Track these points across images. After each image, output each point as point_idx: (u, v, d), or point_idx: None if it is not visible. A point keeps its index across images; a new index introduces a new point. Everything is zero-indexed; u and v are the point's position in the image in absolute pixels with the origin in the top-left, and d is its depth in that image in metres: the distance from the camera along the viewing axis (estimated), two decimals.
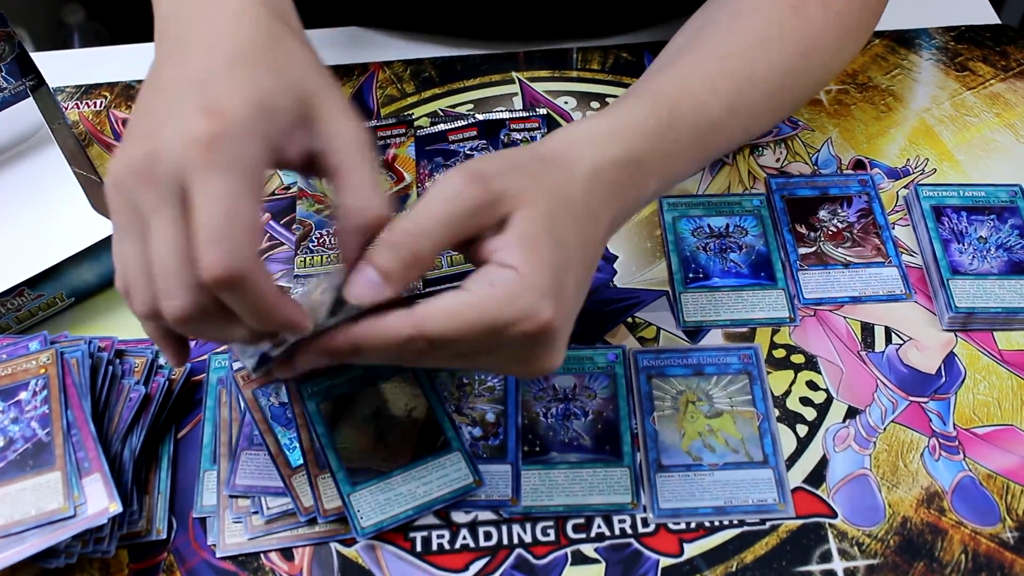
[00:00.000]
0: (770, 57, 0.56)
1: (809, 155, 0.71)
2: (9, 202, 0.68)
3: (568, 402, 0.59)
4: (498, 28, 0.78)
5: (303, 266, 0.65)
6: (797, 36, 0.56)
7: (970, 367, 0.60)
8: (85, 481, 0.52)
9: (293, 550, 0.54)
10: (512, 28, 0.78)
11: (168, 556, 0.54)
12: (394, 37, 0.81)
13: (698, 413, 0.58)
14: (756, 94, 0.55)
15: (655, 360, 0.60)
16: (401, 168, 0.70)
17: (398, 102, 0.76)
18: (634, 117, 0.50)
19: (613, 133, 0.49)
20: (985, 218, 0.65)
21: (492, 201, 0.43)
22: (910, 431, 0.58)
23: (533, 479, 0.56)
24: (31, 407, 0.55)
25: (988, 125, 0.73)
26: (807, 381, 0.60)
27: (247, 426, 0.57)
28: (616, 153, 0.48)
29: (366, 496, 0.54)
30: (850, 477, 0.56)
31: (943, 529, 0.54)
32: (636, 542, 0.54)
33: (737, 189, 0.69)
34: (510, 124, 0.72)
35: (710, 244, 0.66)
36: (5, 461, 0.53)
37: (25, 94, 0.69)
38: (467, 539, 0.54)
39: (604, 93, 0.75)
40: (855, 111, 0.74)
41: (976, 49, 0.78)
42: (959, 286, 0.62)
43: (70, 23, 1.54)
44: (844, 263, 0.64)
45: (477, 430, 0.57)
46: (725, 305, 0.63)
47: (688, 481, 0.55)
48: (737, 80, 0.54)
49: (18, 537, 0.50)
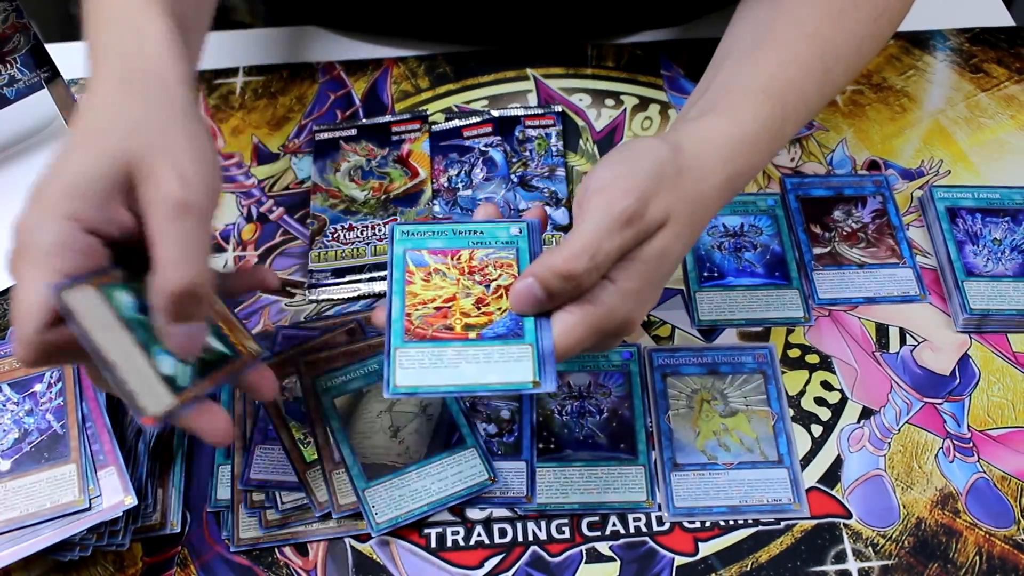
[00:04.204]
0: (847, 28, 0.56)
1: (824, 155, 0.71)
2: (22, 194, 0.67)
3: (583, 400, 0.58)
4: (513, 29, 0.78)
5: (317, 260, 0.65)
6: (868, 1, 0.57)
7: (984, 369, 0.60)
8: (100, 474, 0.52)
9: (307, 545, 0.54)
10: (527, 28, 0.78)
11: (182, 550, 0.54)
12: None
13: (713, 412, 0.58)
14: (839, 68, 0.56)
15: (670, 358, 0.60)
16: (416, 164, 0.70)
17: (412, 97, 0.75)
18: (757, 121, 0.52)
19: (743, 143, 0.51)
20: (1000, 220, 0.65)
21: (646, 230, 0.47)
22: (925, 432, 0.58)
23: (548, 476, 0.56)
24: (46, 399, 0.55)
25: (1003, 127, 0.73)
26: (822, 381, 0.60)
27: (262, 420, 0.57)
28: (743, 167, 0.51)
29: (381, 492, 0.54)
30: (865, 477, 0.56)
31: (957, 530, 0.54)
32: (651, 540, 0.54)
33: (752, 188, 0.69)
34: (525, 121, 0.72)
35: (725, 243, 0.66)
36: (20, 453, 0.53)
37: (40, 85, 0.69)
38: (482, 536, 0.54)
39: (619, 91, 0.75)
40: (870, 112, 0.74)
41: (991, 51, 0.77)
42: (974, 288, 0.62)
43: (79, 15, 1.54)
44: (859, 263, 0.64)
45: (492, 427, 0.57)
46: (740, 304, 0.63)
47: (703, 480, 0.55)
48: (825, 60, 0.55)
49: (33, 529, 0.50)
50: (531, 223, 0.51)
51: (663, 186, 0.47)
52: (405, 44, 0.79)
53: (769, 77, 0.53)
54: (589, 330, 0.46)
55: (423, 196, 0.68)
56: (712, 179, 0.50)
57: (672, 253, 0.48)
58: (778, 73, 0.53)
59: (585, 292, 0.46)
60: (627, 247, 0.46)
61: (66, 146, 0.44)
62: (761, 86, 0.53)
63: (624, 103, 0.75)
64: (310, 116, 0.75)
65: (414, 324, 0.47)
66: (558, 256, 0.45)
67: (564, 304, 0.46)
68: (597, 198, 0.46)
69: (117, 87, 0.46)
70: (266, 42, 0.81)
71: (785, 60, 0.54)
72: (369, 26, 0.80)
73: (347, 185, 0.69)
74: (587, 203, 0.46)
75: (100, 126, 0.44)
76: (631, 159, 0.48)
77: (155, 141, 0.44)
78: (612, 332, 0.47)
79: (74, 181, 0.42)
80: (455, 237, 0.50)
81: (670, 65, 0.77)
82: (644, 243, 0.47)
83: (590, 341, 0.47)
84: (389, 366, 0.46)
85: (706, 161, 0.50)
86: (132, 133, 0.43)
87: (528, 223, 0.51)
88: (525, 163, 0.70)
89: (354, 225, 0.67)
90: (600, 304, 0.46)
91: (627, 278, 0.47)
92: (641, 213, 0.46)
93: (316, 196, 0.69)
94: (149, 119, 0.44)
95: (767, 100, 0.52)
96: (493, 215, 0.52)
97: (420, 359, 0.46)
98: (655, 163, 0.48)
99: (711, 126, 0.51)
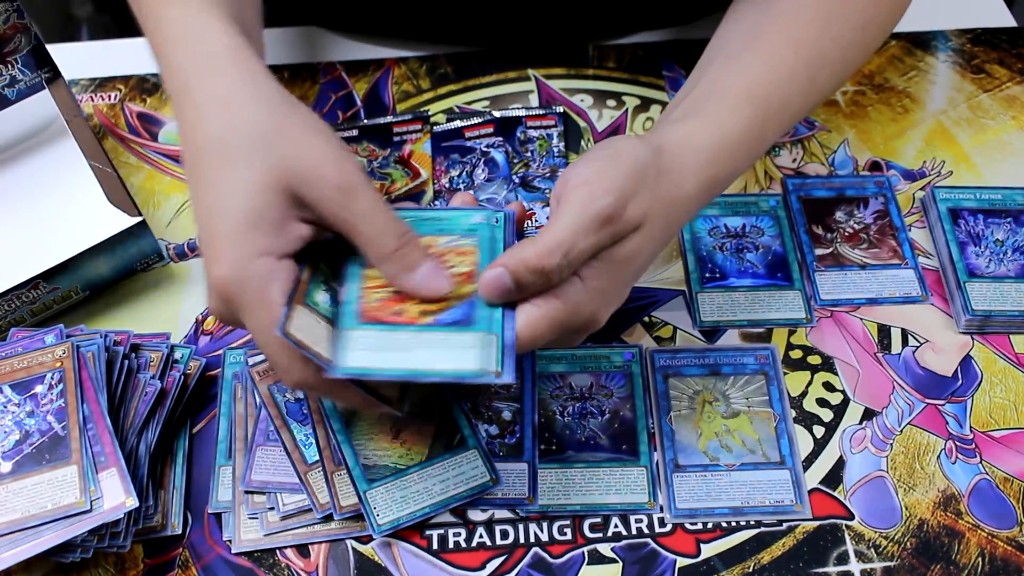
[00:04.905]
0: (835, 35, 0.56)
1: (825, 156, 0.71)
2: (23, 194, 0.67)
3: (585, 401, 0.58)
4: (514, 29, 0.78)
5: None
6: (857, 8, 0.56)
7: (987, 370, 0.60)
8: (101, 475, 0.52)
9: (309, 547, 0.54)
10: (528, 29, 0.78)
11: (183, 551, 0.54)
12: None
13: (715, 413, 0.58)
14: (825, 75, 0.56)
15: (672, 359, 0.60)
16: (417, 164, 0.70)
17: (414, 98, 0.75)
18: (738, 125, 0.52)
19: (723, 148, 0.51)
20: (1002, 221, 0.65)
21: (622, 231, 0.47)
22: (927, 433, 0.58)
23: (550, 478, 0.56)
24: (47, 400, 0.55)
25: (1005, 128, 0.72)
26: (824, 382, 0.60)
27: (263, 421, 0.57)
28: (721, 171, 0.51)
29: (382, 493, 0.54)
30: (867, 479, 0.56)
31: (960, 532, 0.54)
32: (653, 542, 0.54)
33: (753, 189, 0.69)
34: (527, 121, 0.72)
35: (726, 244, 0.65)
36: (21, 455, 0.53)
37: (41, 86, 0.69)
38: (483, 537, 0.54)
39: (620, 92, 0.75)
40: (872, 112, 0.74)
41: (992, 51, 0.77)
42: (976, 289, 0.62)
43: (79, 16, 1.54)
44: (861, 264, 0.64)
45: (493, 428, 0.57)
46: (742, 305, 0.63)
47: (705, 481, 0.55)
48: (811, 66, 0.55)
49: (34, 531, 0.50)
50: (507, 213, 0.51)
51: (643, 187, 0.47)
52: (406, 45, 0.79)
53: (753, 82, 0.53)
54: (553, 325, 0.46)
55: (424, 197, 0.68)
56: (691, 182, 0.50)
57: (643, 255, 0.48)
58: (762, 78, 0.53)
59: (554, 287, 0.46)
60: (602, 246, 0.46)
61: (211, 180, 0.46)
62: (744, 91, 0.52)
63: (626, 104, 0.74)
64: None
65: (369, 306, 0.47)
66: (531, 249, 0.44)
67: (531, 296, 0.46)
68: (576, 193, 0.46)
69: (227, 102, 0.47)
70: (267, 43, 0.81)
71: (770, 65, 0.54)
72: (370, 27, 0.80)
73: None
74: (566, 198, 0.46)
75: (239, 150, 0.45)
76: (613, 157, 0.48)
77: (294, 144, 0.45)
78: (575, 329, 0.47)
79: (248, 221, 0.44)
80: (419, 223, 0.50)
81: (672, 66, 0.77)
82: (618, 243, 0.47)
83: (552, 336, 0.46)
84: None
85: (686, 164, 0.49)
86: (272, 147, 0.45)
87: (505, 213, 0.51)
88: (527, 164, 0.70)
89: None
90: (567, 301, 0.46)
91: (596, 277, 0.47)
92: (619, 213, 0.46)
93: None
94: (276, 125, 0.46)
95: (749, 105, 0.52)
96: (469, 204, 0.52)
97: (372, 341, 0.46)
98: (636, 163, 0.47)
99: (692, 129, 0.51)
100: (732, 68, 0.54)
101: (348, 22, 0.80)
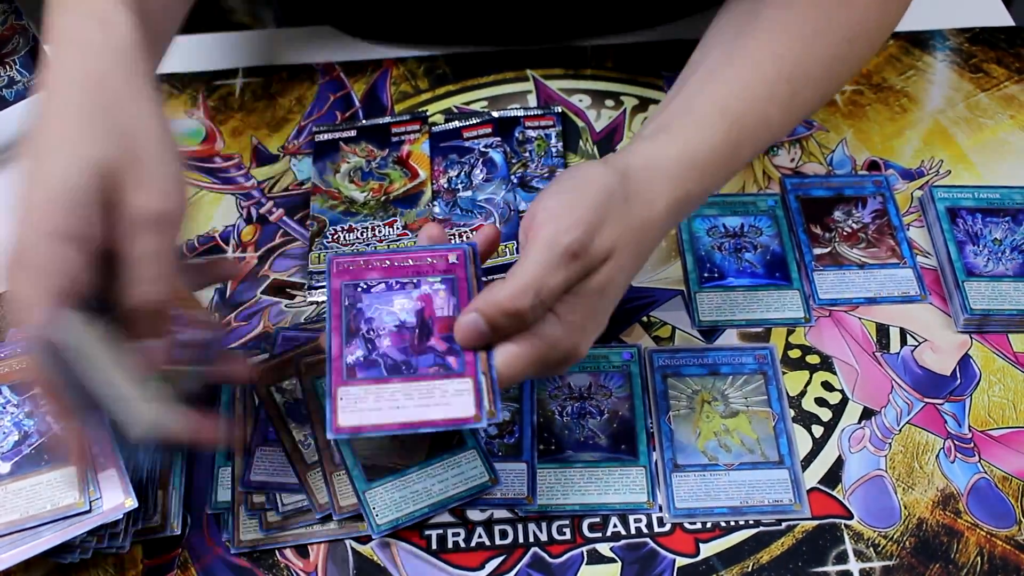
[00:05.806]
0: (819, 51, 0.54)
1: (824, 155, 0.71)
2: None
3: (584, 401, 0.58)
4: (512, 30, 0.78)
5: (317, 262, 0.65)
6: (843, 23, 0.55)
7: (985, 369, 0.60)
8: (100, 476, 0.52)
9: (308, 547, 0.54)
10: (526, 29, 0.78)
11: (182, 552, 0.54)
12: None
13: (714, 413, 0.58)
14: (808, 92, 0.55)
15: (670, 359, 0.60)
16: (415, 164, 0.70)
17: (412, 98, 0.75)
18: (709, 142, 0.51)
19: (694, 167, 0.50)
20: (1000, 220, 0.65)
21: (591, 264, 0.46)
22: (925, 432, 0.58)
23: (549, 478, 0.56)
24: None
25: (1002, 127, 0.73)
26: (822, 382, 0.60)
27: (262, 422, 0.57)
28: (694, 189, 0.51)
29: (381, 494, 0.54)
30: (866, 478, 0.56)
31: (959, 531, 0.54)
32: (652, 541, 0.54)
33: (752, 189, 0.69)
34: (525, 121, 0.72)
35: (725, 244, 0.66)
36: (20, 455, 0.53)
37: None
38: (483, 537, 0.54)
39: (618, 92, 0.75)
40: (870, 112, 0.74)
41: (990, 51, 0.77)
42: (974, 288, 0.62)
43: None
44: (859, 264, 0.64)
45: (492, 428, 0.57)
46: (740, 305, 0.63)
47: (704, 481, 0.55)
48: (792, 82, 0.53)
49: (33, 532, 0.50)
50: (466, 248, 0.50)
51: (609, 217, 0.47)
52: (405, 45, 0.79)
53: (730, 97, 0.52)
54: (532, 361, 0.46)
55: (423, 197, 0.68)
56: (660, 202, 0.49)
57: (617, 284, 0.48)
58: (741, 94, 0.52)
59: (530, 325, 0.46)
60: (572, 281, 0.46)
61: (43, 149, 0.44)
62: (719, 107, 0.52)
63: (624, 104, 0.75)
64: (310, 117, 0.75)
65: None
66: (503, 292, 0.44)
67: (508, 336, 0.46)
68: (543, 231, 0.45)
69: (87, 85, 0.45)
70: (265, 43, 0.81)
71: (750, 81, 0.53)
72: (369, 27, 0.80)
73: (347, 186, 0.69)
74: (533, 234, 0.46)
75: (75, 132, 0.43)
76: (577, 188, 0.47)
77: (133, 148, 0.43)
78: (556, 363, 0.47)
79: (59, 194, 0.42)
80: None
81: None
82: (589, 276, 0.47)
83: (533, 371, 0.47)
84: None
85: (653, 186, 0.49)
86: (109, 140, 0.43)
87: (464, 248, 0.50)
88: (525, 164, 0.70)
89: (354, 226, 0.66)
90: (544, 337, 0.46)
91: (571, 311, 0.46)
92: (586, 246, 0.45)
93: (316, 197, 0.69)
94: (124, 124, 0.44)
95: (723, 121, 0.51)
96: (437, 238, 0.51)
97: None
98: (601, 193, 0.47)
99: (662, 147, 0.50)
100: (709, 83, 0.53)
101: (348, 22, 0.80)
